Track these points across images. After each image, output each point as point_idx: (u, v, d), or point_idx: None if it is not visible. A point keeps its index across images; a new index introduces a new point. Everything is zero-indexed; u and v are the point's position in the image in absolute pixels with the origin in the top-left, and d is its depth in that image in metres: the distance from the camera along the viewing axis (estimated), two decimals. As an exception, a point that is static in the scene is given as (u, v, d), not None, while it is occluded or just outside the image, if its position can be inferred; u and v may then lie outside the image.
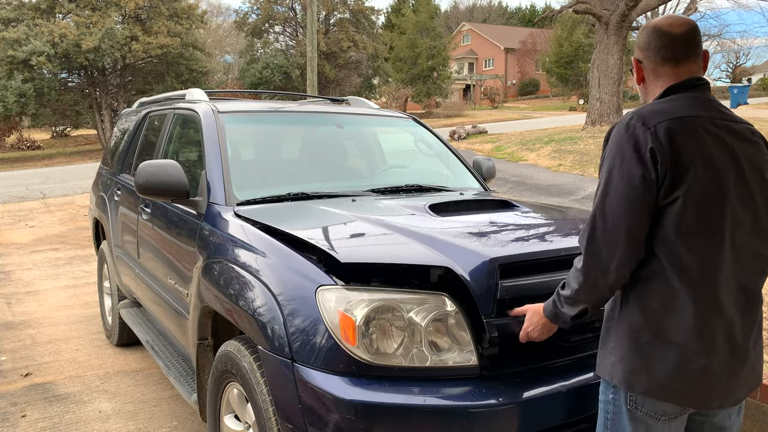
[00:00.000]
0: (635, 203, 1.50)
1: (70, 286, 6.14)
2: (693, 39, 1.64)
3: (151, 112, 4.25)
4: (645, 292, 1.58)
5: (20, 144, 27.79)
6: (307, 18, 13.75)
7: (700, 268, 1.51)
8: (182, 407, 3.49)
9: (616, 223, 1.52)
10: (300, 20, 37.77)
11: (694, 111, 1.56)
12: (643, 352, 1.57)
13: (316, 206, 2.77)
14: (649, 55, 1.67)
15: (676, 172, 1.48)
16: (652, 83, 1.68)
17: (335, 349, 1.87)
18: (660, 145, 1.48)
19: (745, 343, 1.58)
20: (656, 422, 1.61)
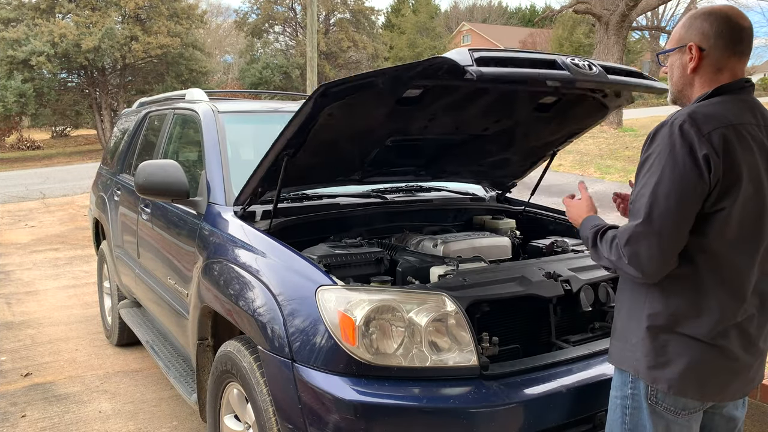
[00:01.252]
0: (686, 209, 1.49)
1: (69, 286, 6.14)
2: (752, 36, 1.64)
3: (151, 112, 4.24)
4: (674, 290, 1.58)
5: (20, 144, 27.77)
6: (307, 18, 13.75)
7: (734, 273, 1.56)
8: (182, 407, 3.49)
9: (664, 225, 1.50)
10: (300, 20, 37.76)
11: (743, 117, 1.55)
12: (669, 348, 1.59)
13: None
14: (719, 45, 1.57)
15: (726, 183, 1.48)
16: (708, 75, 1.60)
17: (335, 349, 1.87)
18: (714, 154, 1.47)
19: (758, 342, 1.65)
20: (677, 417, 1.63)
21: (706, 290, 1.56)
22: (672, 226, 1.50)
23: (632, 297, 1.68)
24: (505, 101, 2.56)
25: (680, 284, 1.57)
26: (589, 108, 2.75)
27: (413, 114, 2.46)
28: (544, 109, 2.70)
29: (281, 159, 2.36)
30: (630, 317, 1.68)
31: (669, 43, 1.67)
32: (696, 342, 1.58)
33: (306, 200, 2.94)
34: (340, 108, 2.19)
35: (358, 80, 2.05)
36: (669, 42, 1.67)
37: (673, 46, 1.64)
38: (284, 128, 2.24)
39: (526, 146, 3.05)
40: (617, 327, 1.74)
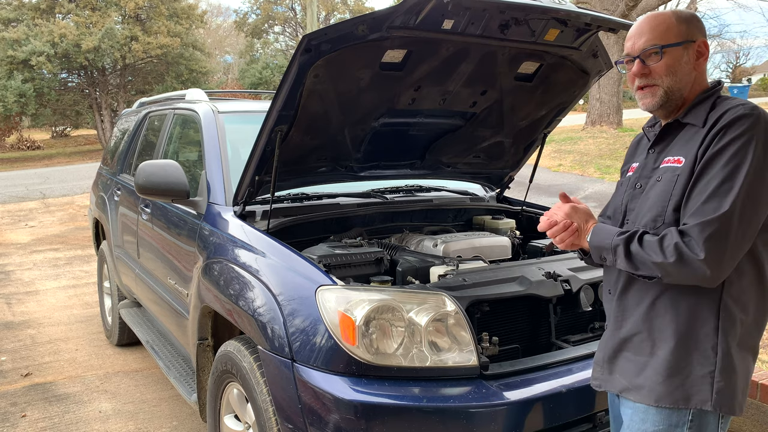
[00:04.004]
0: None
1: (70, 286, 6.14)
2: None
3: (151, 113, 4.25)
4: (745, 298, 1.45)
5: (20, 144, 27.78)
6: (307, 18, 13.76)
7: None
8: (182, 407, 3.49)
9: (753, 221, 1.38)
10: (300, 20, 37.78)
11: None
12: (734, 365, 1.44)
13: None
14: (706, 45, 1.54)
15: None
16: (704, 72, 1.55)
17: (335, 349, 1.87)
18: None
19: None
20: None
21: (766, 298, 1.48)
22: (757, 222, 1.39)
23: (688, 317, 1.45)
24: (486, 66, 2.56)
25: (752, 289, 1.46)
26: (570, 75, 2.76)
27: (399, 82, 2.48)
28: (527, 78, 2.72)
29: (274, 136, 2.36)
30: (687, 343, 1.46)
31: (664, 38, 1.49)
32: (751, 355, 1.49)
33: (306, 200, 2.95)
34: (325, 68, 2.20)
35: (339, 30, 2.08)
36: (664, 37, 1.49)
37: (678, 41, 1.49)
38: (274, 98, 2.25)
39: (517, 125, 3.05)
40: (662, 360, 1.47)
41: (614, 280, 1.60)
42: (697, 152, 1.42)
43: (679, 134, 1.52)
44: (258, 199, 2.71)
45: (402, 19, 2.07)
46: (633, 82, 1.56)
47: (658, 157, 1.54)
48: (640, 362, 1.51)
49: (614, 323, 1.60)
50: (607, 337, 1.64)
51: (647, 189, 1.52)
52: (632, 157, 1.69)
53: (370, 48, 2.21)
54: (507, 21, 2.24)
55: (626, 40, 1.57)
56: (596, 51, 2.62)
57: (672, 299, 1.46)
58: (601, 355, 1.65)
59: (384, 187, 3.24)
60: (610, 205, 1.70)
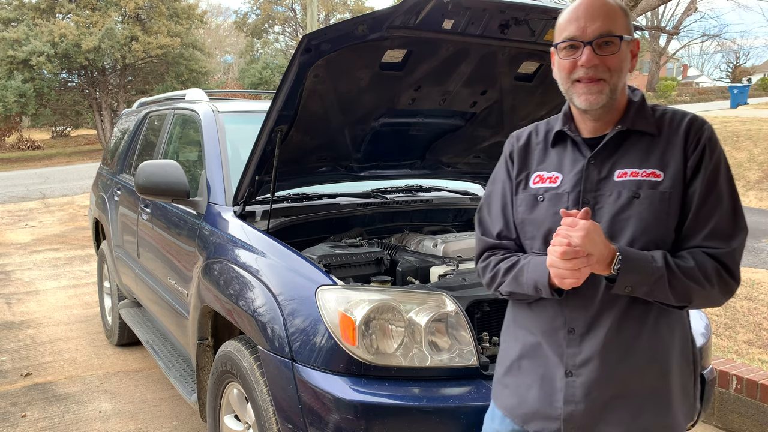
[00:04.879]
0: None
1: (70, 286, 6.14)
2: None
3: (151, 113, 4.25)
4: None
5: (20, 144, 27.78)
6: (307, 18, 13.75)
7: None
8: (182, 407, 3.49)
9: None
10: (300, 20, 37.77)
11: None
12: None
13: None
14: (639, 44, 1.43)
15: None
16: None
17: (335, 349, 1.87)
18: None
19: None
20: None
21: None
22: None
23: (682, 336, 1.40)
24: (486, 66, 2.55)
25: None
26: None
27: (399, 82, 2.48)
28: (527, 78, 2.71)
29: (274, 136, 2.36)
30: (686, 363, 1.42)
31: (619, 28, 1.32)
32: None
33: (306, 200, 2.95)
34: (325, 68, 2.20)
35: (339, 30, 2.07)
36: (618, 27, 1.32)
37: (629, 34, 1.34)
38: (274, 98, 2.25)
39: (517, 125, 3.04)
40: (679, 387, 1.39)
41: (592, 315, 1.34)
42: (683, 166, 1.31)
43: (626, 143, 1.36)
44: (258, 199, 2.71)
45: (402, 19, 2.07)
46: (570, 72, 1.34)
47: (603, 168, 1.35)
48: (654, 401, 1.36)
49: (600, 367, 1.33)
50: (585, 383, 1.34)
51: (606, 206, 1.33)
52: (536, 165, 1.44)
53: (370, 48, 2.21)
54: (507, 21, 2.24)
55: (567, 21, 1.34)
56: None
57: (667, 322, 1.37)
58: (574, 409, 1.35)
59: (384, 187, 3.24)
60: (524, 223, 1.43)
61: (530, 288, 1.36)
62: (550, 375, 1.38)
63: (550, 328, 1.39)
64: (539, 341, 1.41)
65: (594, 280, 1.31)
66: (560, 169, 1.40)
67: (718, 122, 14.35)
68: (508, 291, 1.44)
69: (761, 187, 8.62)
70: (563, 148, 1.42)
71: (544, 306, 1.40)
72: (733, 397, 3.05)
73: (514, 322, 1.51)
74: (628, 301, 1.32)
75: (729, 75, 55.16)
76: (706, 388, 2.33)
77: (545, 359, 1.40)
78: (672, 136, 1.34)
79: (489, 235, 1.50)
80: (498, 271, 1.45)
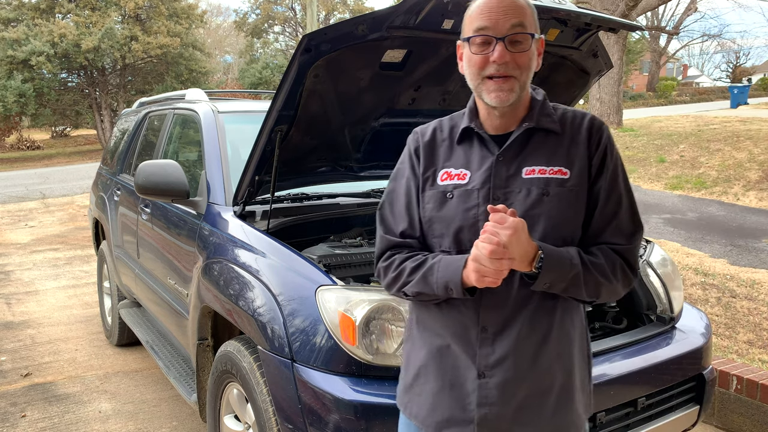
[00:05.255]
0: None
1: (69, 286, 6.14)
2: None
3: (150, 112, 4.25)
4: None
5: (20, 144, 27.78)
6: (307, 18, 13.75)
7: None
8: (182, 407, 3.49)
9: None
10: (300, 20, 37.78)
11: None
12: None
13: None
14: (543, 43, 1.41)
15: None
16: None
17: (335, 349, 1.87)
18: None
19: None
20: None
21: None
22: None
23: (581, 332, 1.44)
24: None
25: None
26: (570, 75, 2.75)
27: (399, 82, 2.47)
28: None
29: (274, 136, 2.36)
30: (586, 356, 1.47)
31: (530, 25, 1.31)
32: None
33: (306, 200, 2.95)
34: (325, 68, 2.20)
35: (339, 29, 2.07)
36: (530, 24, 1.31)
37: (538, 32, 1.33)
38: (274, 98, 2.25)
39: None
40: (580, 381, 1.42)
41: (506, 313, 1.33)
42: (587, 165, 1.34)
43: (532, 140, 1.36)
44: (258, 199, 2.71)
45: (402, 19, 2.07)
46: (482, 68, 1.31)
47: (512, 165, 1.34)
48: (563, 397, 1.37)
49: (514, 366, 1.32)
50: (500, 384, 1.32)
51: (517, 202, 1.32)
52: (443, 161, 1.41)
53: (370, 48, 2.21)
54: None
55: (479, 15, 1.30)
56: (596, 51, 2.62)
57: (570, 318, 1.39)
58: (489, 411, 1.33)
59: (384, 187, 3.24)
60: (432, 221, 1.38)
61: (441, 288, 1.32)
62: (461, 378, 1.35)
63: (461, 328, 1.36)
64: (447, 343, 1.37)
65: (509, 278, 1.29)
66: (468, 166, 1.38)
67: (718, 122, 14.36)
68: (415, 291, 1.37)
69: (761, 187, 8.62)
70: (470, 145, 1.40)
71: (454, 305, 1.36)
72: (733, 397, 3.05)
73: (418, 325, 1.46)
74: (540, 297, 1.33)
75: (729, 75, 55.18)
76: (706, 388, 2.33)
77: (454, 362, 1.36)
78: (575, 135, 1.36)
79: (392, 233, 1.44)
80: (403, 271, 1.38)
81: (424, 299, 1.40)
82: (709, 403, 2.39)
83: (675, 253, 6.04)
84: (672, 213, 7.94)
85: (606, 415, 2.03)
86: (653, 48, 41.83)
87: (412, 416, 1.44)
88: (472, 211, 1.34)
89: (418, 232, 1.42)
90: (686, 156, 10.82)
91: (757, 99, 31.16)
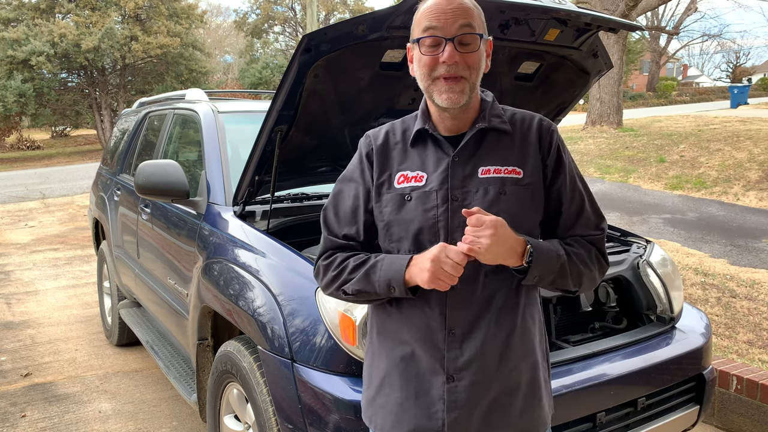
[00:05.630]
0: None
1: (69, 286, 6.14)
2: None
3: (150, 112, 4.25)
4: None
5: (20, 144, 27.78)
6: (307, 18, 13.75)
7: None
8: (182, 407, 3.49)
9: None
10: (300, 20, 37.79)
11: None
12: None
13: None
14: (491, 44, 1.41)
15: None
16: None
17: (335, 349, 1.87)
18: None
19: None
20: None
21: None
22: None
23: (540, 329, 1.43)
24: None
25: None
26: (570, 75, 2.76)
27: (399, 83, 2.47)
28: (527, 78, 2.72)
29: (274, 136, 2.36)
30: (542, 358, 1.44)
31: (479, 26, 1.32)
32: None
33: (306, 200, 2.95)
34: (325, 68, 2.20)
35: (339, 29, 2.07)
36: (478, 25, 1.32)
37: (485, 33, 1.34)
38: (273, 98, 2.25)
39: None
40: (544, 381, 1.43)
41: (473, 313, 1.32)
42: (541, 165, 1.37)
43: (485, 140, 1.37)
44: (258, 199, 2.71)
45: (402, 19, 2.07)
46: (432, 69, 1.31)
47: (467, 165, 1.35)
48: (530, 396, 1.38)
49: (483, 367, 1.32)
50: (469, 386, 1.32)
51: (475, 201, 1.32)
52: (398, 165, 1.40)
53: (370, 48, 2.20)
54: (507, 21, 2.24)
55: (428, 16, 1.30)
56: (596, 51, 2.62)
57: (531, 315, 1.39)
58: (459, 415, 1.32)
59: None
60: (390, 224, 1.37)
61: (383, 286, 1.31)
62: (426, 386, 1.34)
63: (427, 332, 1.34)
64: (411, 350, 1.35)
65: (473, 277, 1.31)
66: (424, 168, 1.37)
67: (718, 122, 14.36)
68: (355, 289, 1.36)
69: (761, 187, 8.62)
70: (424, 147, 1.40)
71: (419, 308, 1.34)
72: (733, 397, 3.05)
73: (379, 336, 1.43)
74: (504, 296, 1.33)
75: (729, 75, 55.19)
76: (706, 388, 2.33)
77: (419, 370, 1.35)
78: (525, 135, 1.39)
79: (335, 235, 1.44)
80: (344, 269, 1.38)
81: (363, 299, 1.39)
82: (709, 403, 2.39)
83: (675, 253, 6.04)
84: (672, 213, 7.94)
85: (606, 415, 2.03)
86: (653, 48, 41.83)
87: (378, 429, 1.42)
88: (431, 213, 1.33)
89: (362, 237, 1.42)
90: (686, 156, 10.82)
91: (757, 99, 31.17)
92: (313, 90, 2.29)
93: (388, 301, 1.39)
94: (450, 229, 1.32)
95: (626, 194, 9.07)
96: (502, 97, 2.80)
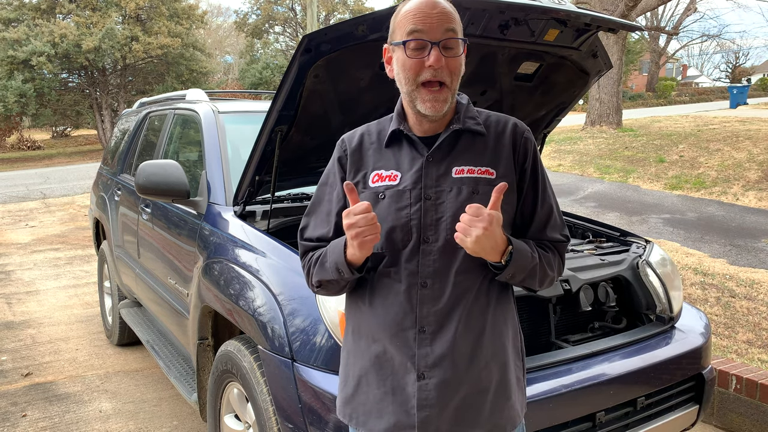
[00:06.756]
0: None
1: (70, 285, 6.15)
2: None
3: (151, 113, 4.25)
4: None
5: (20, 144, 27.79)
6: (307, 18, 13.76)
7: None
8: (182, 407, 3.50)
9: None
10: (300, 20, 37.80)
11: None
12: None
13: None
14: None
15: None
16: None
17: (335, 348, 1.88)
18: None
19: None
20: None
21: None
22: None
23: (513, 328, 1.46)
24: (486, 66, 2.55)
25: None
26: (569, 75, 2.76)
27: None
28: (527, 78, 2.72)
29: (275, 136, 2.36)
30: (514, 357, 1.44)
31: (460, 31, 1.33)
32: None
33: (306, 200, 2.95)
34: (325, 68, 2.20)
35: (339, 30, 2.07)
36: (459, 30, 1.33)
37: (463, 39, 1.34)
38: (274, 98, 2.25)
39: None
40: (516, 378, 1.43)
41: (444, 311, 1.33)
42: (514, 168, 1.39)
43: (459, 142, 1.38)
44: (258, 199, 2.72)
45: None
46: (417, 74, 1.31)
47: (441, 165, 1.36)
48: (500, 395, 1.38)
49: (453, 365, 1.33)
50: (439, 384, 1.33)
51: (448, 201, 1.34)
52: (373, 164, 1.42)
53: (370, 48, 2.21)
54: (507, 21, 2.25)
55: (411, 19, 1.30)
56: (596, 51, 2.63)
57: (503, 314, 1.42)
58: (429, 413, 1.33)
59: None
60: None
61: (333, 271, 1.36)
62: (401, 383, 1.35)
63: (398, 329, 1.35)
64: (384, 348, 1.37)
65: (445, 275, 1.33)
66: (398, 168, 1.39)
67: (717, 122, 14.37)
68: (317, 280, 1.42)
69: (761, 187, 8.63)
70: (399, 147, 1.42)
71: (391, 305, 1.36)
72: (732, 397, 3.05)
73: (354, 335, 1.44)
74: (474, 296, 1.35)
75: (728, 75, 55.19)
76: (706, 388, 2.34)
77: (393, 368, 1.36)
78: (500, 138, 1.40)
79: (308, 239, 1.49)
80: (311, 264, 1.44)
81: (332, 289, 1.44)
82: (708, 403, 2.39)
83: (674, 252, 6.04)
84: (671, 213, 7.94)
85: (605, 414, 2.04)
86: (653, 48, 41.83)
87: (360, 425, 1.43)
88: (404, 211, 1.35)
89: (332, 235, 1.46)
90: (685, 156, 10.82)
91: (756, 99, 31.16)
92: (313, 90, 2.30)
93: (361, 298, 1.42)
94: (423, 227, 1.34)
95: (626, 194, 9.07)
96: (502, 97, 2.80)
